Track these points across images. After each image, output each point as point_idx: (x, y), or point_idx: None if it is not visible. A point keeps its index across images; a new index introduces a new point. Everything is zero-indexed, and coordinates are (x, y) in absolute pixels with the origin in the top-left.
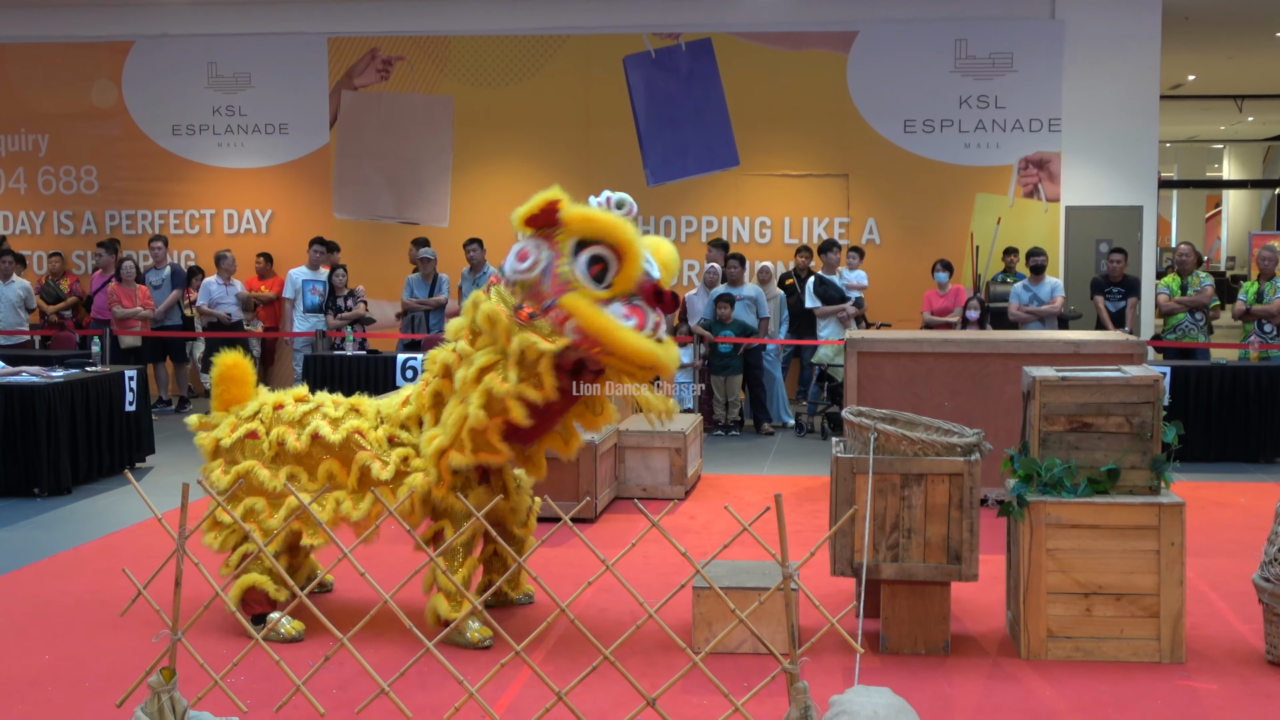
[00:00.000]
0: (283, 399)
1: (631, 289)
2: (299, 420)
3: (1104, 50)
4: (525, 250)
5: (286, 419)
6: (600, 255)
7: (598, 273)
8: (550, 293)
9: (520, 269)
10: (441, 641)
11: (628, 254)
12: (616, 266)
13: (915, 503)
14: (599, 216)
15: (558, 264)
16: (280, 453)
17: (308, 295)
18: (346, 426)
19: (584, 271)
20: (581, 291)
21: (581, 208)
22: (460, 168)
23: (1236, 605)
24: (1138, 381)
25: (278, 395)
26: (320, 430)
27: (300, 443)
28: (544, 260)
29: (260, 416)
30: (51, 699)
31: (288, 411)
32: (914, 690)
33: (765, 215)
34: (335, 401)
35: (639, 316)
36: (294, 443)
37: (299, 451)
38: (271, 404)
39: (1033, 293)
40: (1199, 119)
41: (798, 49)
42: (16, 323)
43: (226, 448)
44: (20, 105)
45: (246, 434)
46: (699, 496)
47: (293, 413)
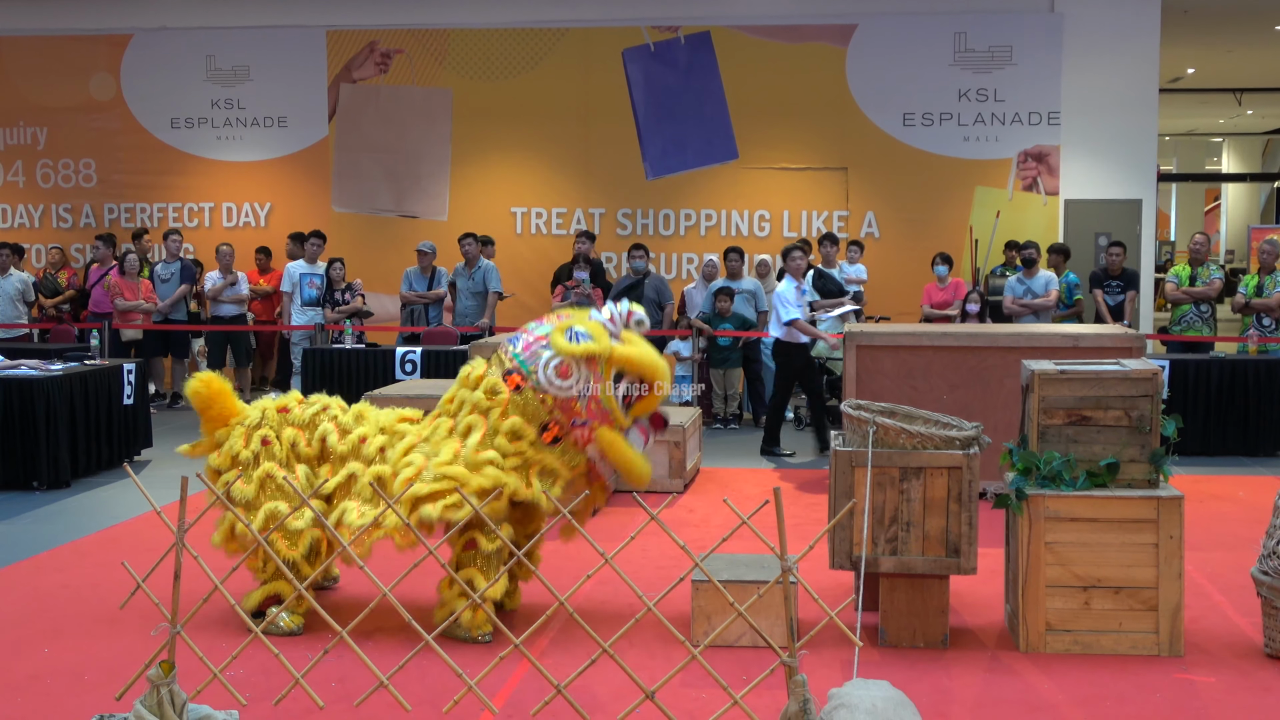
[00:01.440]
0: (285, 402)
1: (644, 415)
2: (307, 422)
3: (1103, 43)
4: (567, 367)
5: (294, 420)
6: (634, 389)
7: (628, 401)
8: (585, 414)
9: (559, 384)
10: (441, 635)
11: (654, 389)
12: (640, 396)
13: (914, 496)
14: (643, 357)
15: (598, 389)
16: (292, 456)
17: (305, 289)
18: (354, 436)
19: (620, 402)
20: (616, 423)
21: (631, 349)
22: (459, 161)
23: (1235, 599)
24: (1136, 375)
25: (276, 400)
26: (328, 436)
27: (311, 448)
28: (584, 382)
29: (267, 423)
30: (51, 692)
31: (294, 412)
32: (913, 683)
33: (764, 209)
34: (341, 407)
35: (644, 436)
36: (305, 447)
37: (310, 456)
38: (274, 408)
39: (1026, 285)
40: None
41: (797, 42)
42: (15, 316)
43: (246, 460)
44: (19, 98)
45: (262, 440)
46: (698, 490)
47: (299, 415)
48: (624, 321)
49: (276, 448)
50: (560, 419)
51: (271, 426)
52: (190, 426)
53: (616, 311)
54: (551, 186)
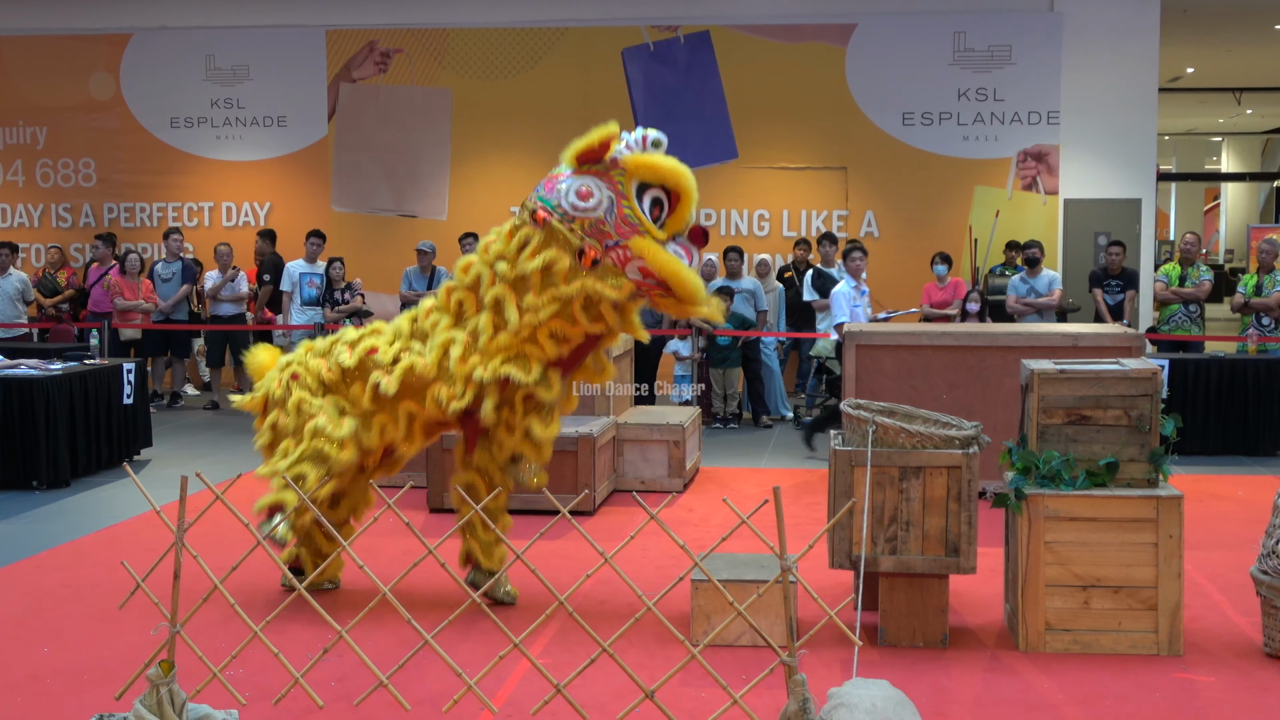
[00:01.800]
0: (312, 343)
1: (684, 228)
2: (327, 350)
3: (1103, 43)
4: (587, 189)
5: (318, 351)
6: (658, 198)
7: (656, 215)
8: (615, 233)
9: (583, 207)
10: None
11: (685, 198)
12: (670, 208)
13: (913, 495)
14: (661, 163)
15: (622, 205)
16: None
17: (305, 288)
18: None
19: (649, 214)
20: (649, 235)
21: (643, 154)
22: (458, 160)
23: (1234, 598)
24: (1136, 374)
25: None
26: (340, 358)
27: (332, 373)
28: (606, 200)
29: (294, 360)
30: (50, 691)
31: (318, 345)
32: (912, 682)
33: (764, 208)
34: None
35: (688, 254)
36: (326, 373)
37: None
38: (303, 349)
39: (1030, 285)
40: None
41: (796, 41)
42: (14, 315)
43: (278, 397)
44: (18, 98)
45: (291, 376)
46: (697, 489)
47: (322, 345)
48: (641, 144)
49: (306, 377)
50: (593, 243)
51: (299, 361)
52: (190, 426)
53: (632, 138)
54: None
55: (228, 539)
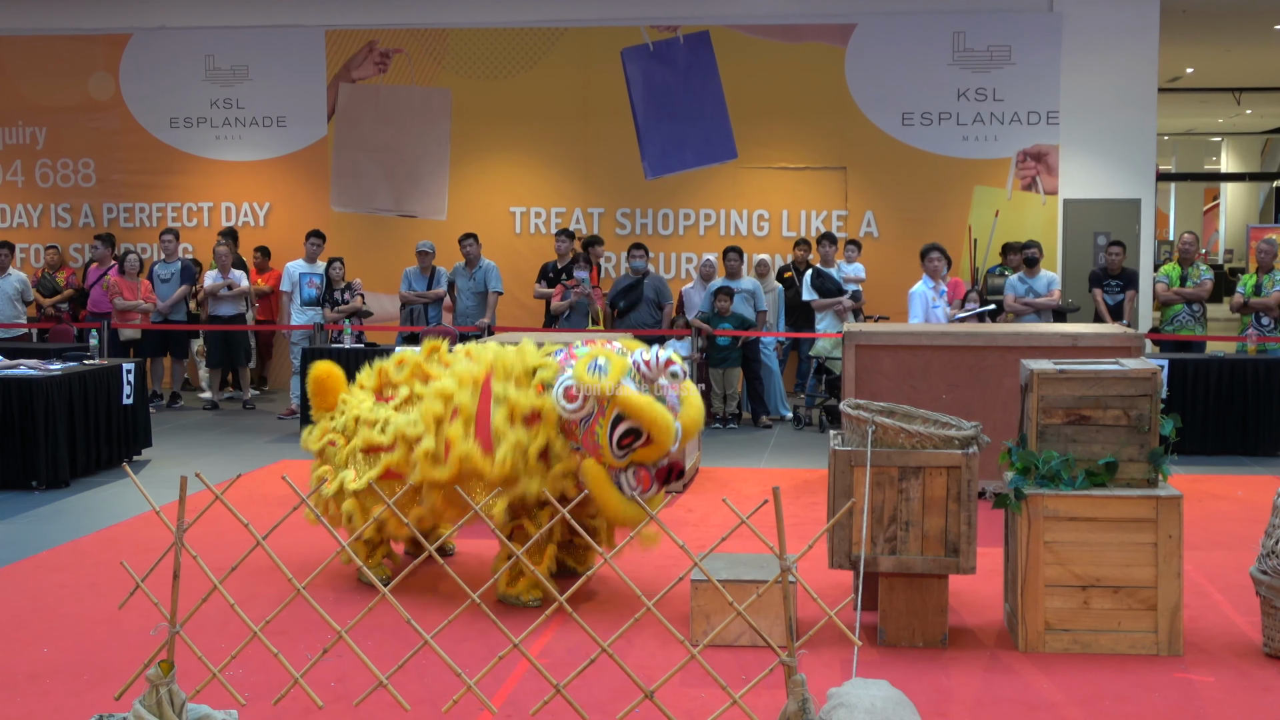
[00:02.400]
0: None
1: (647, 463)
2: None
3: (1102, 43)
4: (574, 394)
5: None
6: (635, 430)
7: (628, 442)
8: (580, 440)
9: (567, 408)
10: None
11: (657, 446)
12: (644, 441)
13: (913, 495)
14: (646, 409)
15: (597, 422)
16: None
17: (305, 288)
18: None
19: (615, 444)
20: (604, 459)
21: (637, 396)
22: (458, 161)
23: (1234, 598)
24: (1135, 374)
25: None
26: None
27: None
28: (588, 410)
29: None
30: (50, 692)
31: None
32: (912, 682)
33: (763, 208)
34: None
35: (645, 485)
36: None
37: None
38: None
39: (1028, 285)
40: (1197, 112)
41: (796, 41)
42: (13, 315)
43: (316, 450)
44: (17, 98)
45: (329, 442)
46: (697, 489)
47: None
48: (659, 369)
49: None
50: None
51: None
52: (189, 427)
53: (655, 356)
54: (550, 186)
55: (227, 539)
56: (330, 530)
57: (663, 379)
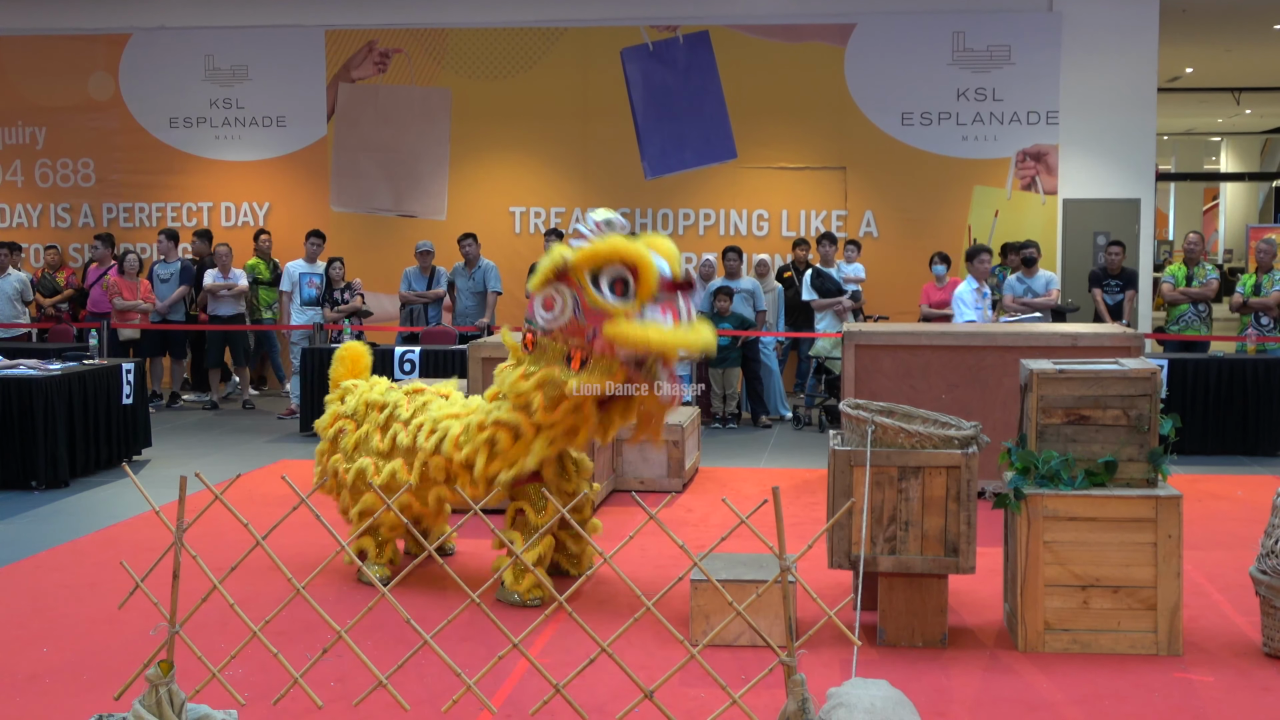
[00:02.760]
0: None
1: (654, 292)
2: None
3: (1102, 43)
4: (549, 298)
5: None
6: (617, 274)
7: (621, 289)
8: (588, 325)
9: (550, 316)
10: (496, 600)
11: (639, 266)
12: (634, 278)
13: (913, 495)
14: (599, 248)
15: (583, 297)
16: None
17: (304, 288)
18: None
19: (610, 295)
20: (616, 316)
21: (586, 247)
22: (458, 160)
23: (1233, 598)
24: (1135, 374)
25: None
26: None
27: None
28: (569, 300)
29: (356, 416)
30: (49, 692)
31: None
32: (911, 682)
33: (763, 208)
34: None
35: (671, 312)
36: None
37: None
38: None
39: (1027, 285)
40: (1196, 111)
41: (795, 41)
42: (14, 315)
43: (330, 437)
44: (17, 98)
45: (339, 430)
46: (697, 489)
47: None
48: (598, 231)
49: (346, 441)
50: (576, 343)
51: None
52: (189, 427)
53: (590, 223)
54: (550, 186)
55: (227, 539)
56: (330, 530)
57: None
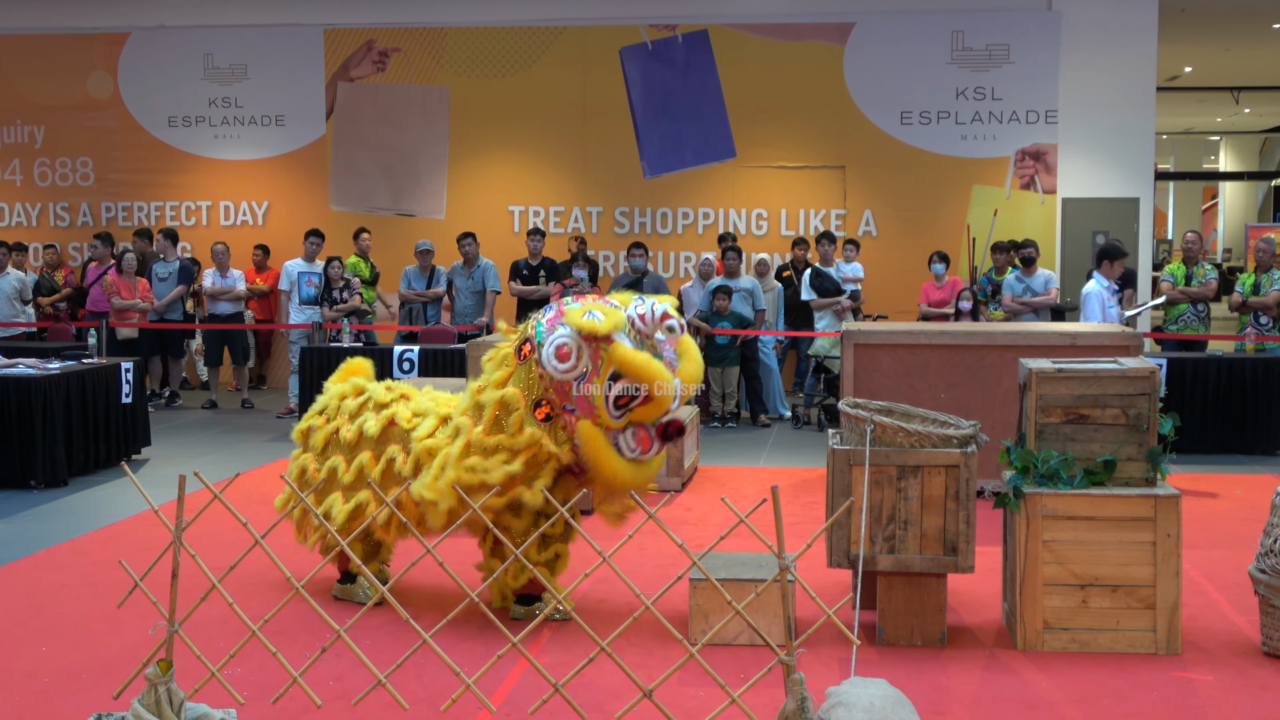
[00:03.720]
0: (346, 391)
1: (646, 422)
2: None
3: (1101, 42)
4: (568, 351)
5: (347, 410)
6: (633, 390)
7: (624, 402)
8: (575, 402)
9: (559, 368)
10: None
11: (656, 403)
12: (642, 400)
13: (912, 494)
14: (643, 367)
15: (592, 381)
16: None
17: (303, 287)
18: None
19: (611, 403)
20: (600, 421)
21: (632, 352)
22: (456, 159)
23: (1232, 597)
24: (1134, 373)
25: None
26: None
27: (350, 434)
28: (581, 369)
29: (326, 411)
30: (48, 690)
31: (348, 404)
32: (910, 681)
33: (762, 207)
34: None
35: (644, 446)
36: (346, 433)
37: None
38: (338, 396)
39: (1025, 284)
40: (1196, 111)
41: (794, 40)
42: (12, 315)
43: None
44: (16, 97)
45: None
46: (695, 488)
47: (352, 405)
48: (655, 323)
49: (316, 438)
50: (553, 399)
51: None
52: (188, 426)
53: (650, 310)
54: (549, 185)
55: (226, 538)
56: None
57: (659, 334)
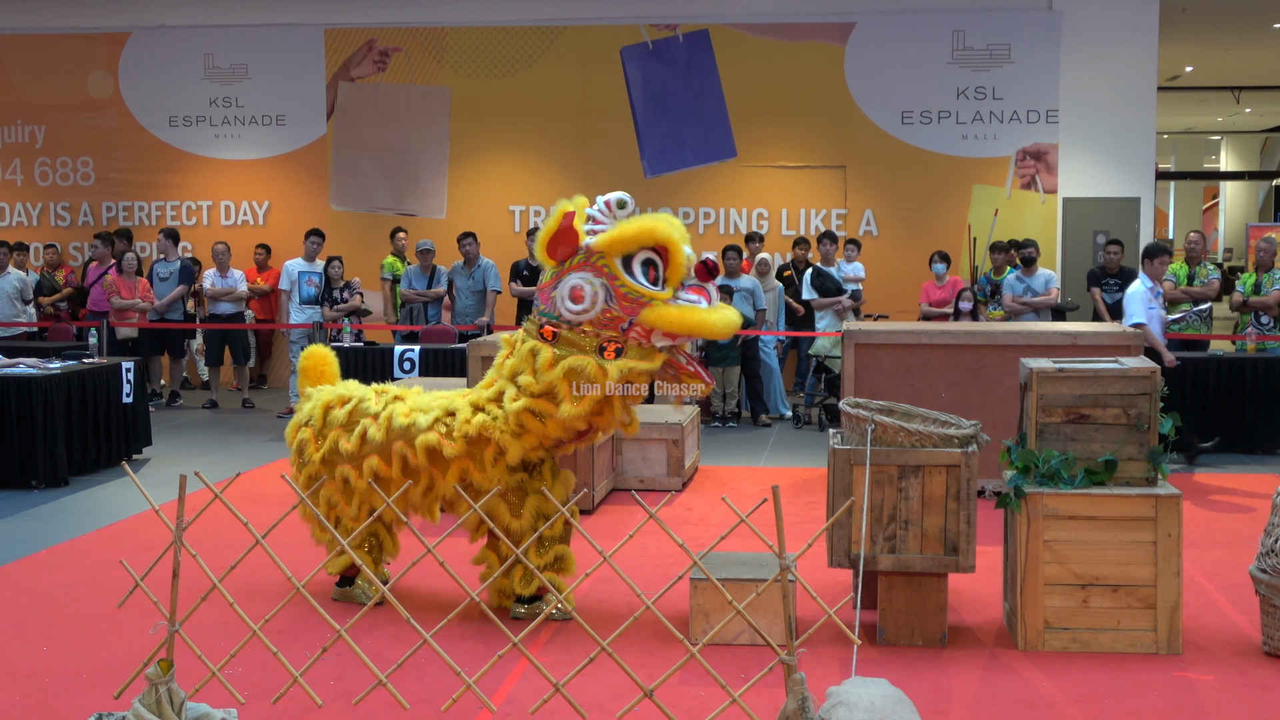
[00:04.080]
0: (331, 400)
1: (685, 274)
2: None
3: (1101, 41)
4: (578, 288)
5: (334, 421)
6: (648, 259)
7: (653, 276)
8: (624, 314)
9: (579, 309)
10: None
11: (670, 248)
12: (664, 262)
13: (912, 494)
14: (628, 231)
15: (617, 286)
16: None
17: (304, 287)
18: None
19: (645, 281)
20: (655, 301)
21: (612, 229)
22: (457, 159)
23: (1233, 596)
24: (1134, 373)
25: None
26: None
27: (351, 444)
28: (600, 290)
29: (313, 423)
30: (49, 690)
31: (335, 414)
32: (911, 681)
33: (762, 207)
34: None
35: (703, 295)
36: (345, 445)
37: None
38: (322, 406)
39: (1026, 284)
40: (1196, 110)
41: (795, 40)
42: (13, 314)
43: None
44: (16, 96)
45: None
46: (696, 488)
47: (340, 415)
48: (610, 213)
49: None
50: (609, 335)
51: (313, 427)
52: (189, 425)
53: (595, 209)
54: (549, 184)
55: (226, 538)
56: (329, 529)
57: (619, 215)
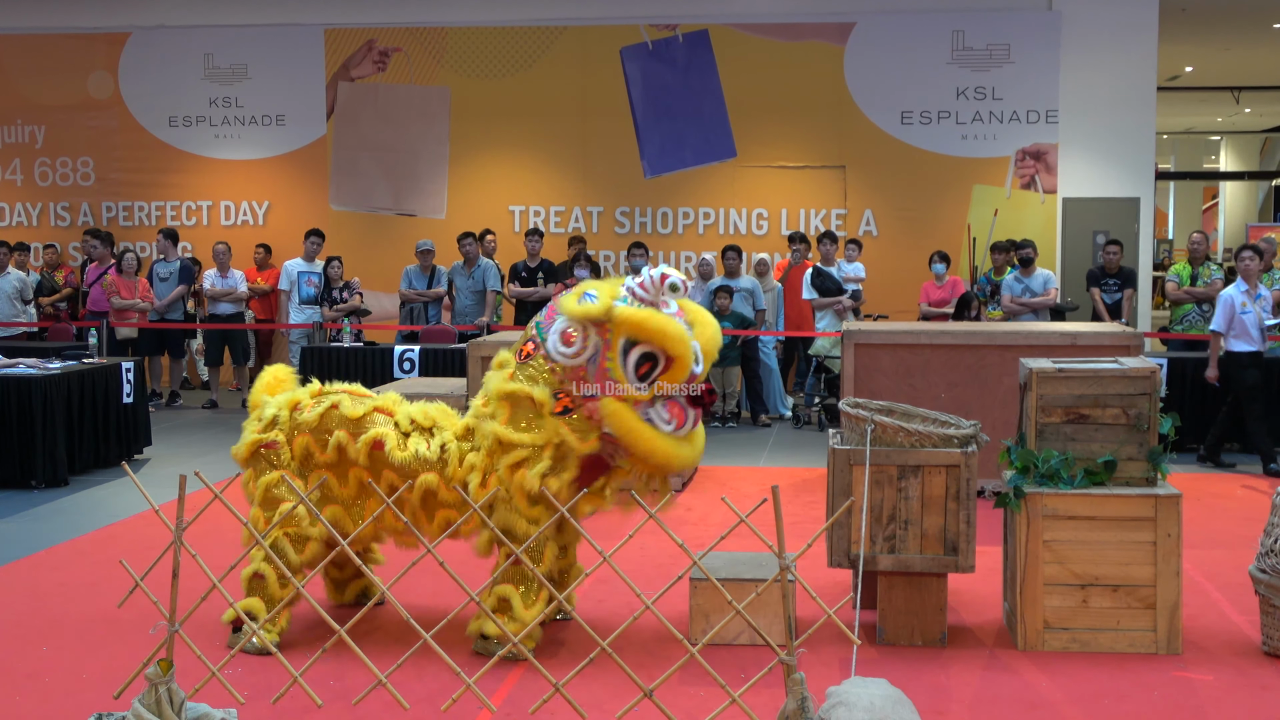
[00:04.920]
0: (299, 398)
1: (674, 391)
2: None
3: (1101, 42)
4: (571, 335)
5: (306, 425)
6: (649, 354)
7: (645, 371)
8: (594, 384)
9: (566, 353)
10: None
11: (677, 361)
12: (663, 366)
13: (912, 494)
14: (652, 323)
15: (605, 356)
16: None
17: (303, 287)
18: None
19: (632, 373)
20: (625, 397)
21: (639, 310)
22: (457, 159)
23: (1233, 596)
24: (1134, 373)
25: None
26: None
27: (328, 454)
28: (591, 349)
29: (279, 424)
30: (49, 690)
31: (306, 417)
32: (911, 681)
33: (762, 207)
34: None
35: (679, 418)
36: (320, 454)
37: (330, 460)
38: (289, 406)
39: (1024, 284)
40: (1196, 110)
41: (795, 40)
42: (13, 314)
43: (246, 459)
44: (16, 96)
45: (264, 445)
46: (696, 488)
47: (311, 419)
48: (657, 288)
49: (285, 454)
50: (570, 390)
51: (282, 429)
52: (189, 425)
53: (649, 276)
54: (549, 185)
55: (226, 538)
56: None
57: (663, 296)
